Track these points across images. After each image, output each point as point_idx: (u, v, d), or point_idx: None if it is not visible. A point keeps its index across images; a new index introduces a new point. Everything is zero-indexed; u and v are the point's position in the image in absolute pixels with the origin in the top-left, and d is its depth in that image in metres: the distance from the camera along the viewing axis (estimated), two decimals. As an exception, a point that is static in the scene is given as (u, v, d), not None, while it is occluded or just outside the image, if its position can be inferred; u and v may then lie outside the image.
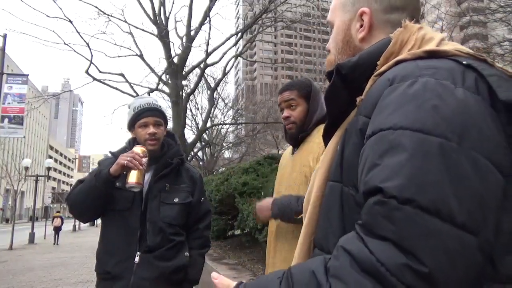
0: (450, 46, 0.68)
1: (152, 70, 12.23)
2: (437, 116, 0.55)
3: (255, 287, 0.64)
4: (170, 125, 10.83)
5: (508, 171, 0.56)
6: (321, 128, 1.16)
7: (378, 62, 0.70)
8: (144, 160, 1.76)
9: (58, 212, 22.48)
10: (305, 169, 1.69)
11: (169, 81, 11.76)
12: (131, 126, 1.94)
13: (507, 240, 0.55)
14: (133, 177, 1.71)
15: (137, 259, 1.78)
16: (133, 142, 1.96)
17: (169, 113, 11.54)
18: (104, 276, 1.83)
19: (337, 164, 0.72)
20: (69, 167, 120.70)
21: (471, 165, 0.52)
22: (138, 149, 1.78)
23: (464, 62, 0.62)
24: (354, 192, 0.65)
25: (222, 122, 22.82)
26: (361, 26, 0.80)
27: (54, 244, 17.58)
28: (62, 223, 19.78)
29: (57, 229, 18.57)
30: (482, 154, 0.54)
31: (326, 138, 0.83)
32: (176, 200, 1.89)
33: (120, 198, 1.82)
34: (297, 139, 1.78)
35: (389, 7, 0.79)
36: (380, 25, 0.79)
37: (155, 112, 1.92)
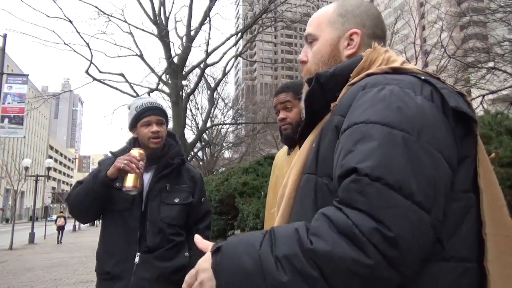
0: (411, 66, 0.84)
1: (152, 70, 12.23)
2: (401, 115, 0.68)
3: (237, 241, 0.71)
4: (170, 125, 10.82)
5: (455, 166, 0.69)
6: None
7: (351, 75, 0.84)
8: (142, 163, 1.75)
9: (62, 212, 23.05)
10: None
11: (169, 81, 11.75)
12: (133, 125, 1.94)
13: (452, 224, 0.68)
14: (129, 181, 1.70)
15: (137, 259, 1.78)
16: (133, 142, 1.96)
17: (169, 113, 11.50)
18: (104, 276, 1.83)
19: (313, 159, 0.82)
20: (69, 167, 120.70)
21: (427, 155, 0.65)
22: (135, 152, 1.77)
23: (422, 78, 0.76)
24: (328, 181, 0.76)
25: (222, 122, 22.82)
26: (349, 44, 0.93)
27: (58, 242, 18.31)
28: (65, 222, 20.49)
29: (61, 228, 19.24)
30: (435, 148, 0.66)
31: (301, 138, 0.94)
32: (176, 200, 1.89)
33: (119, 198, 1.82)
34: (293, 139, 1.78)
35: (372, 34, 0.93)
36: (364, 46, 0.92)
37: (157, 111, 1.93)
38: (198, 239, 0.80)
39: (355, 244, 0.59)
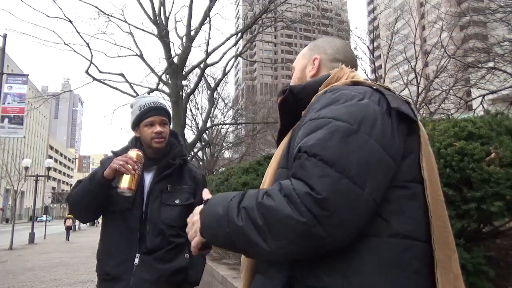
0: (369, 82, 1.00)
1: (152, 70, 12.23)
2: (346, 110, 0.85)
3: (219, 196, 0.93)
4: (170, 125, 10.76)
5: (397, 157, 0.84)
6: None
7: (319, 88, 1.00)
8: (139, 164, 1.72)
9: (70, 214, 23.73)
10: None
11: (169, 81, 11.75)
12: (136, 125, 1.92)
13: (398, 207, 0.84)
14: (125, 182, 1.67)
15: (136, 260, 1.77)
16: (135, 141, 1.94)
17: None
18: (104, 277, 1.82)
19: (285, 155, 0.98)
20: (69, 167, 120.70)
21: (363, 142, 0.80)
22: (132, 153, 1.74)
23: (374, 87, 0.94)
24: None
25: (222, 122, 22.80)
26: (313, 67, 1.15)
27: (66, 240, 20.79)
28: (74, 223, 24.26)
29: (69, 228, 22.34)
30: (372, 138, 0.81)
31: (278, 142, 1.09)
32: (177, 201, 1.86)
33: (120, 199, 1.78)
34: None
35: (333, 58, 1.15)
36: (325, 68, 1.13)
37: (161, 111, 1.91)
38: (205, 192, 1.03)
39: (291, 203, 0.76)
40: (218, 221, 0.85)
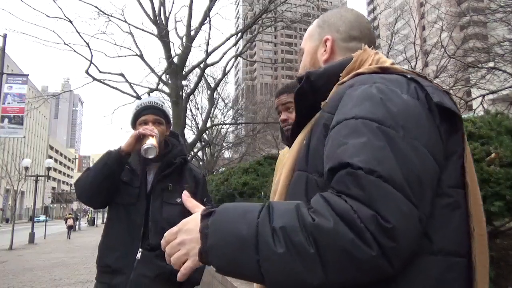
0: (399, 67, 0.85)
1: (152, 70, 12.23)
2: (386, 112, 0.70)
3: (233, 207, 0.70)
4: (170, 125, 10.77)
5: (442, 161, 0.71)
6: None
7: (341, 74, 0.86)
8: (155, 131, 1.82)
9: (71, 214, 27.10)
10: None
11: (169, 81, 11.75)
12: (133, 124, 1.97)
13: (440, 219, 0.70)
14: (150, 141, 1.76)
15: (138, 255, 1.79)
16: None
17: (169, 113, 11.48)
18: (104, 269, 1.84)
19: (304, 156, 0.83)
20: (69, 167, 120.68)
21: (412, 150, 0.67)
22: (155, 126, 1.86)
23: (408, 76, 0.79)
24: (317, 177, 0.77)
25: (222, 122, 22.82)
26: (325, 50, 0.98)
27: (67, 238, 21.52)
28: (74, 223, 25.38)
29: (70, 228, 23.68)
30: (420, 143, 0.68)
31: (292, 137, 0.96)
32: (178, 200, 1.88)
33: (126, 193, 1.84)
34: (294, 140, 1.79)
35: (348, 37, 0.97)
36: (340, 50, 0.97)
37: (154, 110, 1.94)
38: (186, 196, 0.81)
39: (352, 229, 0.60)
40: (241, 245, 0.64)
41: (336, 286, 0.62)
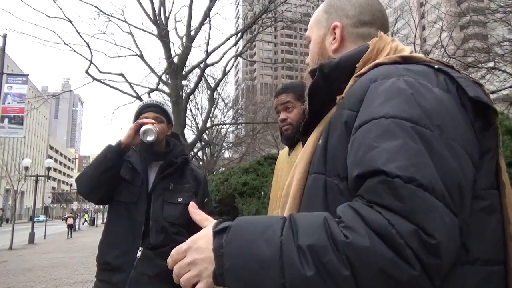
0: (421, 55, 0.78)
1: (152, 70, 12.22)
2: (420, 110, 0.62)
3: (250, 223, 0.62)
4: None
5: (477, 162, 0.65)
6: None
7: (357, 65, 0.78)
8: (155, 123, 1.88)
9: (71, 213, 28.10)
10: None
11: (169, 81, 11.74)
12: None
13: (476, 226, 0.63)
14: (148, 125, 1.82)
15: (139, 253, 1.80)
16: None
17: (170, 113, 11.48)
18: (104, 266, 1.85)
19: (321, 157, 0.76)
20: (69, 167, 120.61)
21: (451, 153, 0.60)
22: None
23: (435, 67, 0.71)
24: (338, 181, 0.70)
25: (222, 122, 22.81)
26: (334, 39, 0.89)
27: (68, 238, 22.28)
28: (75, 221, 26.66)
29: (71, 226, 24.54)
30: (458, 144, 0.61)
31: (305, 135, 0.89)
32: (179, 200, 1.91)
33: (127, 191, 1.86)
34: (293, 140, 1.80)
35: (358, 22, 0.88)
36: (351, 38, 0.88)
37: (155, 108, 2.00)
38: (193, 208, 0.71)
39: (391, 246, 0.52)
40: (263, 267, 0.56)
41: None
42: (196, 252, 0.62)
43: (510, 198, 0.68)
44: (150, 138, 1.79)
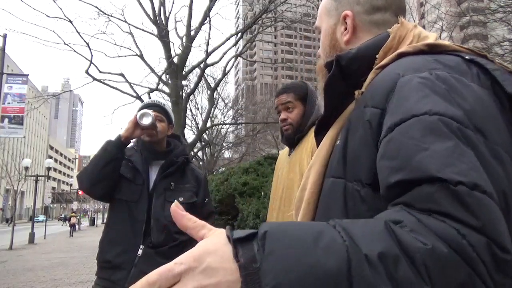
0: (448, 43, 0.69)
1: (152, 70, 12.23)
2: (461, 109, 0.54)
3: (292, 228, 0.45)
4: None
5: None
6: None
7: (377, 56, 0.71)
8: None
9: (74, 213, 28.97)
10: (301, 168, 1.70)
11: (169, 81, 11.75)
12: None
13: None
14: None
15: (140, 252, 1.81)
16: (140, 140, 2.02)
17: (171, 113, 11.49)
18: (104, 264, 1.85)
19: (339, 160, 0.68)
20: (69, 167, 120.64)
21: (494, 157, 0.52)
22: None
23: (467, 57, 0.63)
24: (360, 187, 0.62)
25: (222, 122, 22.82)
26: (346, 29, 0.81)
27: (70, 236, 23.23)
28: (76, 221, 27.73)
29: (73, 226, 25.59)
30: (502, 148, 0.54)
31: (319, 134, 0.82)
32: (181, 199, 1.92)
33: (128, 189, 1.88)
34: (293, 140, 1.80)
35: (371, 8, 0.80)
36: (364, 26, 0.80)
37: (155, 107, 2.01)
38: (179, 209, 0.53)
39: (465, 259, 0.43)
40: (327, 284, 0.39)
41: None
42: (202, 276, 0.40)
43: None
44: (146, 121, 1.81)
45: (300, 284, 0.39)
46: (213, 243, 0.44)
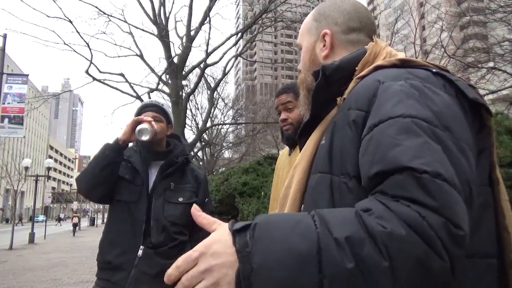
0: (416, 59, 0.82)
1: (152, 70, 12.23)
2: (431, 111, 0.64)
3: (277, 219, 0.58)
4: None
5: (476, 160, 0.67)
6: None
7: (356, 68, 0.82)
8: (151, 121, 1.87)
9: (76, 213, 29.96)
10: None
11: (169, 81, 11.75)
12: None
13: (475, 221, 0.64)
14: (144, 124, 1.83)
15: (140, 252, 1.80)
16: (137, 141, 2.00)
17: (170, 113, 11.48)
18: (104, 265, 1.85)
19: (325, 157, 0.77)
20: (69, 167, 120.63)
21: (460, 152, 0.62)
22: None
23: (434, 70, 0.74)
24: (347, 179, 0.71)
25: (222, 122, 22.82)
26: (324, 45, 0.92)
27: (73, 235, 23.82)
28: (79, 221, 28.82)
29: (75, 225, 26.43)
30: (465, 144, 0.64)
31: (302, 137, 0.91)
32: (180, 199, 1.92)
33: (127, 190, 1.87)
34: (294, 139, 1.80)
35: (347, 29, 0.92)
36: (341, 44, 0.92)
37: (154, 108, 2.01)
38: (197, 211, 0.65)
39: (423, 237, 0.52)
40: (300, 263, 0.51)
41: None
42: (212, 258, 0.56)
43: (504, 193, 0.72)
44: (145, 138, 1.80)
45: (279, 263, 0.52)
46: (219, 234, 0.58)
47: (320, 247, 0.52)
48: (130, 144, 2.07)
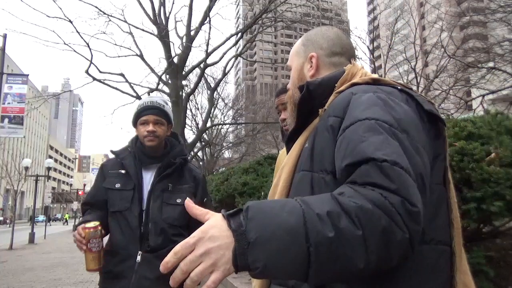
0: (387, 79, 0.97)
1: (152, 70, 12.24)
2: (392, 117, 0.78)
3: (266, 203, 0.68)
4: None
5: (431, 161, 0.81)
6: None
7: (336, 84, 0.96)
8: (93, 241, 1.68)
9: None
10: None
11: (169, 81, 11.76)
12: (134, 123, 1.97)
13: (431, 212, 0.79)
14: (87, 264, 1.70)
15: (138, 258, 1.79)
16: (135, 141, 1.98)
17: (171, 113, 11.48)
18: (106, 275, 1.84)
19: (308, 157, 0.90)
20: (69, 167, 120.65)
21: (415, 150, 0.75)
22: (84, 231, 1.69)
23: (399, 87, 0.91)
24: (325, 174, 0.84)
25: (222, 122, 22.83)
26: (311, 66, 1.08)
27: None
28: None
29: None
30: (420, 144, 0.77)
31: (290, 142, 1.03)
32: (178, 200, 1.88)
33: (118, 199, 1.84)
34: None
35: (331, 53, 1.08)
36: (325, 65, 1.07)
37: (155, 110, 1.93)
38: (190, 203, 0.73)
39: (386, 212, 0.63)
40: (291, 235, 0.61)
41: (369, 271, 0.64)
42: (209, 241, 0.63)
43: (453, 192, 0.86)
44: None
45: (273, 236, 0.61)
46: (214, 220, 0.66)
47: (305, 220, 0.62)
48: (127, 143, 2.05)
